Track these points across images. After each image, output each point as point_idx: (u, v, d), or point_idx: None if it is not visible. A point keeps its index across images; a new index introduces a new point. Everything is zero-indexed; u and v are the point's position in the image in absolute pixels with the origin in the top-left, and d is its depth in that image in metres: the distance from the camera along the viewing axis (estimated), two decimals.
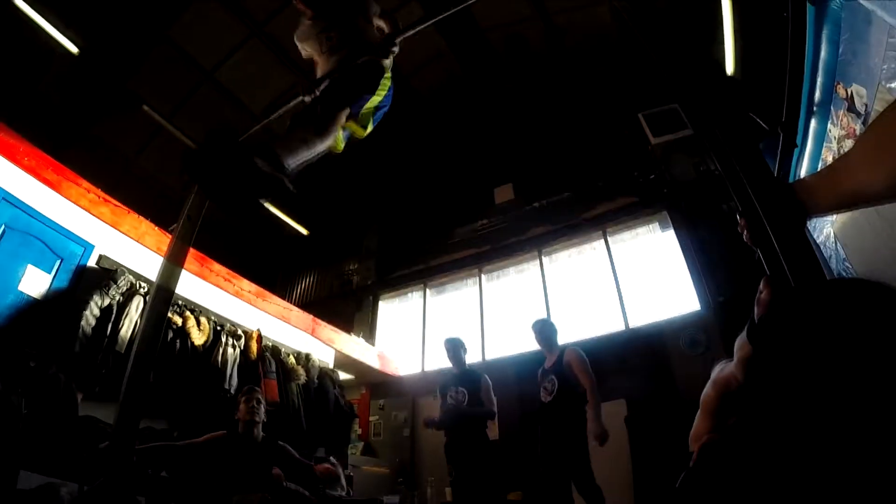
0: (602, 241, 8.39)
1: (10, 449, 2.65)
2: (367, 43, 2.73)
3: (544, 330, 4.89)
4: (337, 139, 2.43)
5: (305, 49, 3.03)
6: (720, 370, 1.93)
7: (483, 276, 9.56)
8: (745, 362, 1.60)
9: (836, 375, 0.82)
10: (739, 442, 1.35)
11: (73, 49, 7.36)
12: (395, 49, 2.66)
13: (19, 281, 3.82)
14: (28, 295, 3.86)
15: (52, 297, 4.00)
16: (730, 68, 5.88)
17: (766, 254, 1.31)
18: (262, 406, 3.98)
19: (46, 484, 2.61)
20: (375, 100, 2.63)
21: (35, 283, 3.93)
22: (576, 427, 4.26)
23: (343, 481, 5.84)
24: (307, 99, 2.61)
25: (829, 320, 0.90)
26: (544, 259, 8.91)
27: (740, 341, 1.69)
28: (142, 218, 4.88)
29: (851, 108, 3.19)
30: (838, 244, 3.86)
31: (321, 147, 2.26)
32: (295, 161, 2.13)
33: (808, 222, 1.28)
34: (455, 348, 5.38)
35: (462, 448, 4.88)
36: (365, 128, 2.66)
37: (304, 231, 11.89)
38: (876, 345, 0.81)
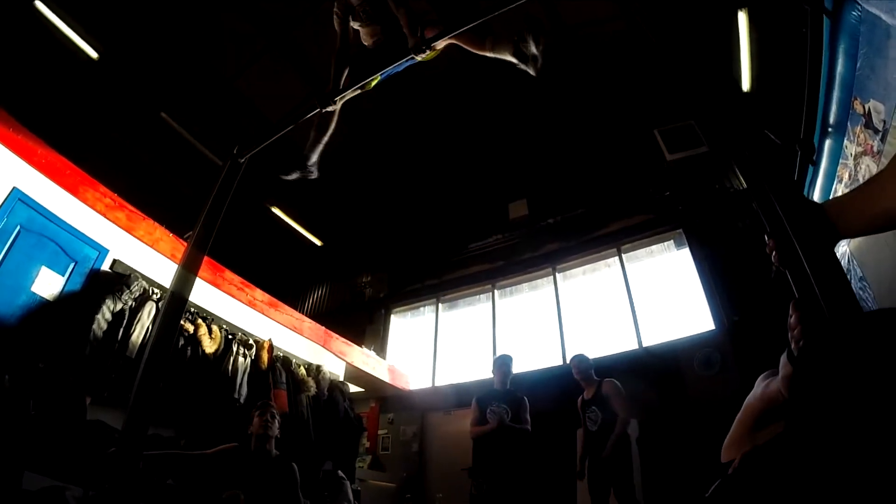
0: (616, 258, 8.32)
1: (17, 449, 2.66)
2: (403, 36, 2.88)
3: (582, 364, 5.25)
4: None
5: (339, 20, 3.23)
6: (766, 383, 1.88)
7: (496, 291, 9.51)
8: (788, 380, 1.56)
9: (876, 407, 0.81)
10: (786, 454, 1.32)
11: (94, 54, 7.52)
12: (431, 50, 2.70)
13: (32, 282, 3.86)
14: (40, 296, 3.90)
15: (64, 300, 4.03)
16: (746, 84, 5.85)
17: (795, 276, 1.28)
18: (277, 421, 3.87)
19: (51, 486, 2.61)
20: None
21: (48, 284, 3.96)
22: (622, 452, 4.71)
23: (350, 495, 5.80)
24: (329, 110, 2.69)
25: (870, 353, 0.88)
26: (558, 276, 8.85)
27: (784, 360, 1.65)
28: (156, 224, 4.92)
29: (869, 125, 3.15)
30: (854, 262, 3.79)
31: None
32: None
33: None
34: (506, 365, 5.40)
35: (502, 462, 4.84)
36: None
37: (318, 242, 11.96)
38: None
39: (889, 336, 0.90)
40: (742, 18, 5.36)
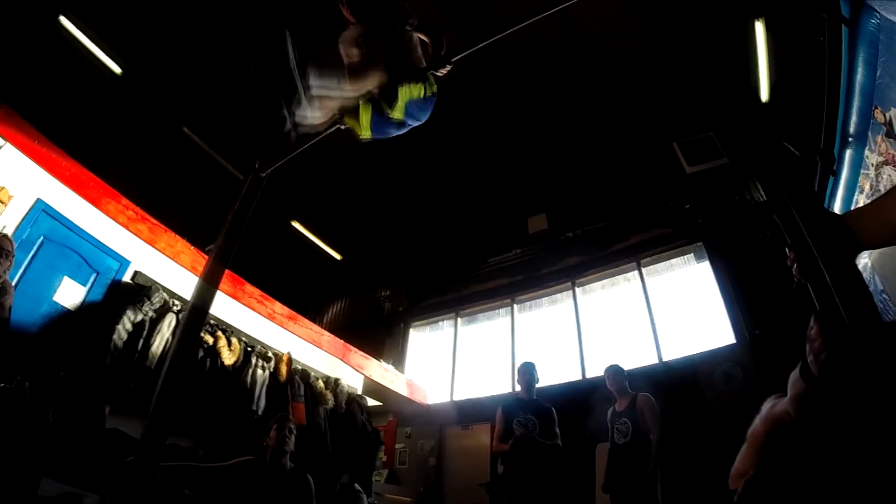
0: (636, 272, 8.24)
1: (35, 456, 2.70)
2: (407, 65, 2.74)
3: (617, 375, 5.17)
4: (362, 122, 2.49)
5: (348, 55, 3.06)
6: (772, 406, 1.84)
7: (515, 306, 9.47)
8: (798, 399, 1.53)
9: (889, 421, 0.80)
10: (788, 478, 1.29)
11: (117, 69, 7.74)
12: (439, 73, 2.66)
13: (55, 292, 3.96)
14: (62, 306, 3.99)
15: (85, 310, 4.12)
16: (764, 95, 5.80)
17: (816, 288, 1.26)
18: (293, 435, 3.86)
19: (67, 493, 2.65)
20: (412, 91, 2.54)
21: (70, 294, 4.06)
22: (647, 466, 4.56)
23: None
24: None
25: (890, 366, 0.88)
26: (577, 290, 8.79)
27: (794, 377, 1.61)
28: (178, 237, 5.00)
29: (890, 133, 3.10)
30: (875, 275, 3.71)
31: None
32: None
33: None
34: (530, 374, 5.27)
35: (529, 479, 4.67)
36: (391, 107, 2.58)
37: (337, 256, 12.06)
38: None
39: None
40: (759, 29, 5.33)
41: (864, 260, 3.82)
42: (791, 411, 1.49)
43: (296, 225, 11.15)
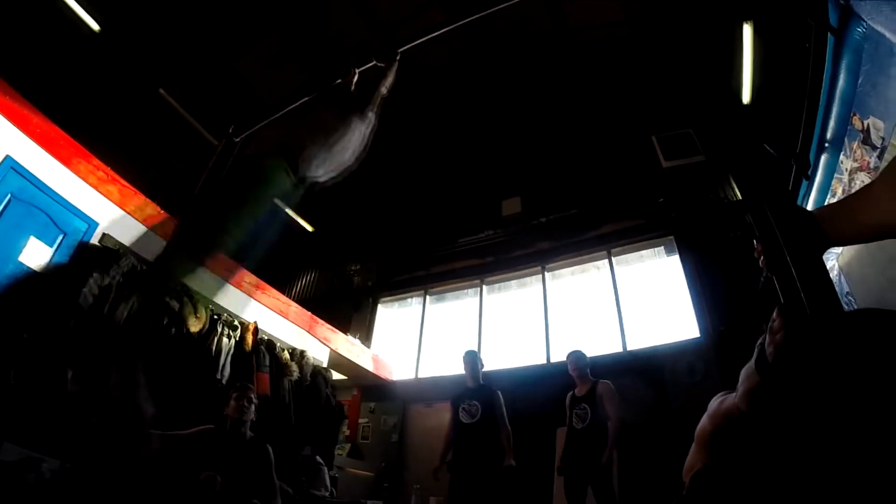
0: (606, 260, 8.34)
1: None
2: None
3: (579, 360, 5.22)
4: None
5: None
6: (720, 402, 1.87)
7: (484, 287, 9.51)
8: (750, 393, 1.55)
9: (851, 409, 0.81)
10: (735, 471, 1.31)
11: (95, 26, 7.41)
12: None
13: (20, 252, 3.82)
14: (28, 266, 3.86)
15: (51, 271, 3.99)
16: (746, 97, 5.87)
17: (781, 281, 1.27)
18: (253, 406, 3.83)
19: (28, 458, 2.59)
20: None
21: (36, 255, 3.92)
22: (604, 451, 4.62)
23: (327, 481, 5.81)
24: None
25: (848, 353, 0.88)
26: (547, 275, 8.86)
27: (747, 371, 1.63)
28: (148, 200, 4.86)
29: (867, 141, 3.17)
30: (842, 276, 3.83)
31: None
32: None
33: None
34: (473, 361, 5.38)
35: (472, 472, 4.79)
36: None
37: (309, 228, 11.90)
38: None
39: (871, 334, 0.90)
40: (747, 31, 5.36)
41: (832, 262, 3.93)
42: (741, 405, 1.51)
43: None
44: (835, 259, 3.89)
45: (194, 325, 4.96)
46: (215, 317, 5.32)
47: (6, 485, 2.46)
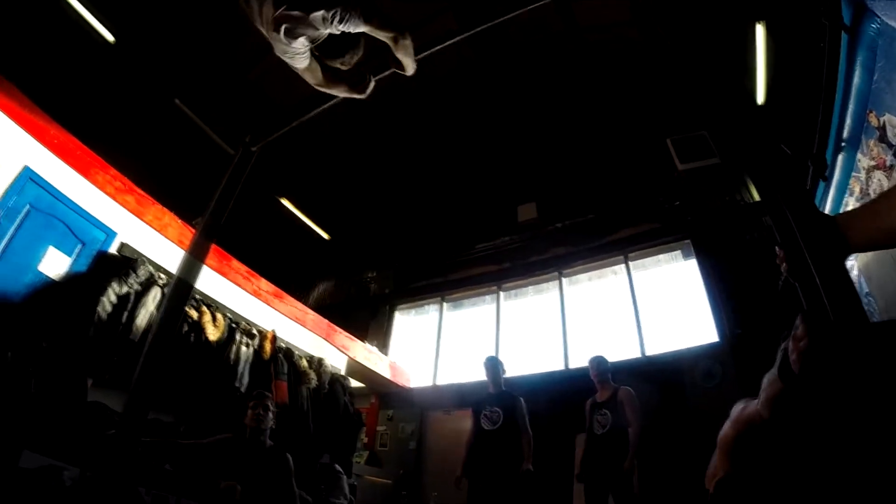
0: (623, 265, 8.29)
1: (16, 427, 2.67)
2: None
3: (601, 365, 5.25)
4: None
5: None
6: (742, 409, 1.85)
7: (501, 293, 9.50)
8: (773, 401, 1.52)
9: (877, 421, 0.81)
10: (759, 478, 1.30)
11: (110, 38, 7.55)
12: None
13: (39, 261, 3.88)
14: (47, 276, 3.92)
15: (70, 281, 4.04)
16: (760, 98, 5.82)
17: (804, 288, 1.27)
18: (270, 413, 3.89)
19: (49, 466, 2.63)
20: None
21: (55, 264, 3.99)
22: (624, 458, 4.60)
23: (346, 489, 5.82)
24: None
25: (875, 364, 0.88)
26: (564, 281, 8.83)
27: (770, 378, 1.61)
28: (165, 209, 4.94)
29: (883, 138, 3.12)
30: (861, 277, 3.77)
31: None
32: None
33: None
34: (494, 367, 5.43)
35: (492, 479, 4.84)
36: None
37: (325, 236, 11.99)
38: None
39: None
40: (760, 32, 5.32)
41: (851, 262, 3.87)
42: (764, 413, 1.49)
43: (285, 203, 11.04)
44: (853, 259, 3.83)
45: (213, 334, 5.03)
46: (233, 325, 5.37)
47: (27, 493, 2.51)
